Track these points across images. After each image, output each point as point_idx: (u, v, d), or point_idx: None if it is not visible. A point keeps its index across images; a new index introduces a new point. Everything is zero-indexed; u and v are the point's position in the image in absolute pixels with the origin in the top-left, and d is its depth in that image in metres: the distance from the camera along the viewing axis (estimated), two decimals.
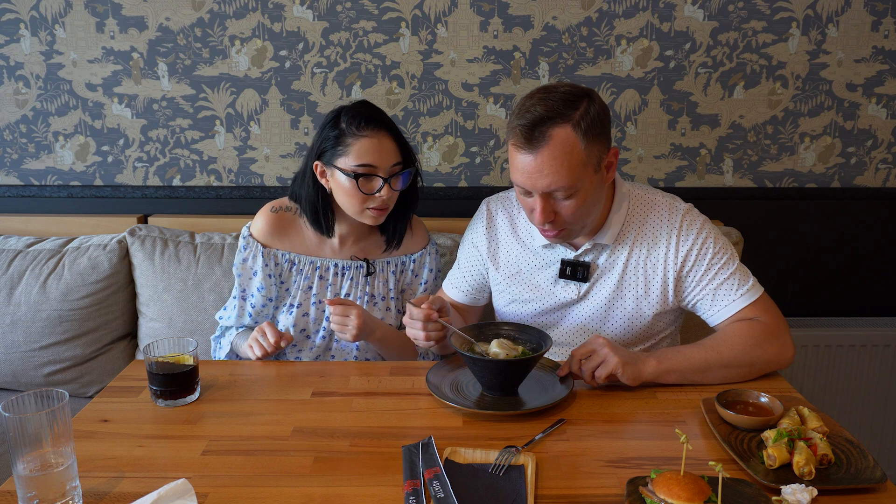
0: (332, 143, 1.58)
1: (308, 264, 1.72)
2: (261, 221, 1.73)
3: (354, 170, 1.56)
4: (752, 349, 1.41)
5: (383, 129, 1.58)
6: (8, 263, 2.12)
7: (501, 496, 1.05)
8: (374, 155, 1.56)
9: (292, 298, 1.72)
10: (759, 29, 2.24)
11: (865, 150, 2.35)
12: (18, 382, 2.14)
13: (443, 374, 1.43)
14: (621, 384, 1.40)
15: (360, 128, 1.56)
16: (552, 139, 1.35)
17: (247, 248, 1.73)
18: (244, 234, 1.74)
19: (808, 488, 1.03)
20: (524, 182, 1.40)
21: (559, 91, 1.39)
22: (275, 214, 1.73)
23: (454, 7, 2.22)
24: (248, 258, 1.72)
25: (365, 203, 1.58)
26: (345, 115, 1.59)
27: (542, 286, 1.60)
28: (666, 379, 1.40)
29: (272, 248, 1.72)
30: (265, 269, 1.71)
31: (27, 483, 1.02)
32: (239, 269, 1.73)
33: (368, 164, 1.56)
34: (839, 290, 2.45)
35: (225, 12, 2.23)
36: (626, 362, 1.36)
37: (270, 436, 1.24)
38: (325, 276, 1.73)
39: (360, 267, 1.73)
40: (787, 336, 1.46)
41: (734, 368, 1.41)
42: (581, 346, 1.41)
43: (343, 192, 1.59)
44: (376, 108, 1.62)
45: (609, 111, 1.45)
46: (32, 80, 2.30)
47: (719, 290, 1.49)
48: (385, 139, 1.58)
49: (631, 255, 1.54)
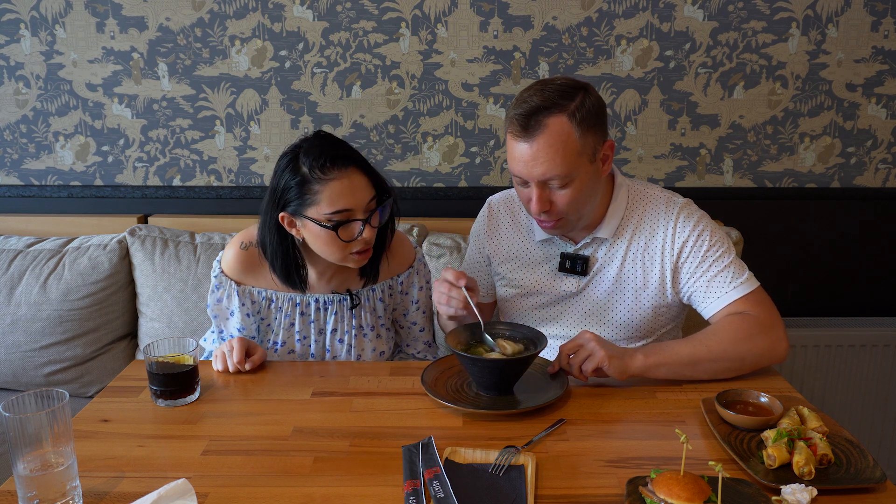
0: (296, 193, 1.41)
1: (287, 301, 1.59)
2: (231, 258, 1.58)
3: (330, 218, 1.40)
4: (742, 343, 1.41)
5: (351, 166, 1.41)
6: (8, 263, 2.13)
7: (501, 496, 1.05)
8: (348, 197, 1.40)
9: (275, 335, 1.61)
10: (758, 29, 2.25)
11: (865, 150, 2.35)
12: (18, 382, 2.14)
13: (438, 374, 1.43)
14: (612, 380, 1.40)
15: (325, 170, 1.39)
16: (547, 128, 1.38)
17: (220, 286, 1.59)
18: (215, 272, 1.60)
19: (807, 488, 1.03)
20: (520, 171, 1.42)
21: (556, 83, 1.42)
22: (245, 252, 1.57)
23: (454, 7, 2.22)
24: (223, 298, 1.59)
25: (346, 250, 1.44)
26: (304, 156, 1.41)
27: (543, 280, 1.61)
28: (654, 374, 1.40)
29: (247, 286, 1.58)
30: (242, 308, 1.58)
31: (27, 483, 1.02)
32: (213, 309, 1.61)
33: (344, 208, 1.40)
34: (839, 290, 2.45)
35: (225, 12, 2.23)
36: (612, 356, 1.37)
37: (270, 436, 1.24)
38: (306, 312, 1.60)
39: (344, 300, 1.60)
40: (780, 330, 1.45)
41: (723, 362, 1.41)
42: (569, 341, 1.42)
43: (320, 241, 1.45)
44: (337, 140, 1.47)
45: (605, 105, 1.46)
46: (33, 80, 2.30)
47: (713, 282, 1.49)
48: (355, 176, 1.42)
49: (629, 247, 1.55)
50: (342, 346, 1.63)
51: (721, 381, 1.40)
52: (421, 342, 1.76)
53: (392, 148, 2.34)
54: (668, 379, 1.41)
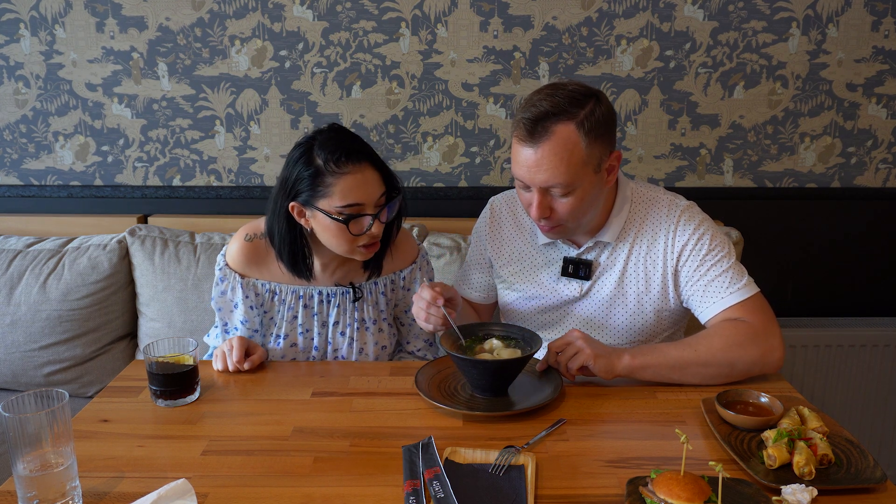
0: (308, 184, 1.44)
1: (290, 293, 1.61)
2: (235, 250, 1.60)
3: (341, 212, 1.43)
4: (732, 349, 1.38)
5: (365, 161, 1.44)
6: (8, 263, 2.12)
7: (501, 496, 1.05)
8: (360, 192, 1.43)
9: (278, 328, 1.62)
10: (759, 29, 2.24)
11: (865, 150, 2.35)
12: (18, 382, 2.14)
13: (432, 375, 1.43)
14: (612, 380, 1.40)
15: (339, 164, 1.41)
16: (554, 135, 1.36)
17: (224, 279, 1.60)
18: (220, 265, 1.61)
19: (808, 488, 1.03)
20: (523, 175, 1.41)
21: (567, 89, 1.40)
22: (249, 244, 1.59)
23: (454, 7, 2.22)
24: (227, 290, 1.60)
25: (354, 242, 1.47)
26: (319, 149, 1.43)
27: (545, 283, 1.60)
28: (641, 375, 1.39)
29: (251, 278, 1.60)
30: (246, 300, 1.59)
31: (27, 483, 1.02)
32: (217, 302, 1.62)
33: (355, 203, 1.43)
34: (839, 290, 2.45)
35: (225, 12, 2.23)
36: (598, 355, 1.36)
37: (270, 436, 1.24)
38: (309, 305, 1.62)
39: (347, 293, 1.62)
40: (775, 339, 1.42)
41: (712, 368, 1.39)
42: (557, 339, 1.41)
43: (329, 233, 1.47)
44: (352, 134, 1.49)
45: (615, 114, 1.45)
46: (32, 80, 2.30)
47: (710, 286, 1.48)
48: (368, 171, 1.45)
49: (632, 252, 1.54)
50: (344, 339, 1.64)
51: (711, 386, 1.38)
52: (421, 340, 1.76)
53: (392, 148, 2.34)
54: (655, 381, 1.41)
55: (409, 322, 1.73)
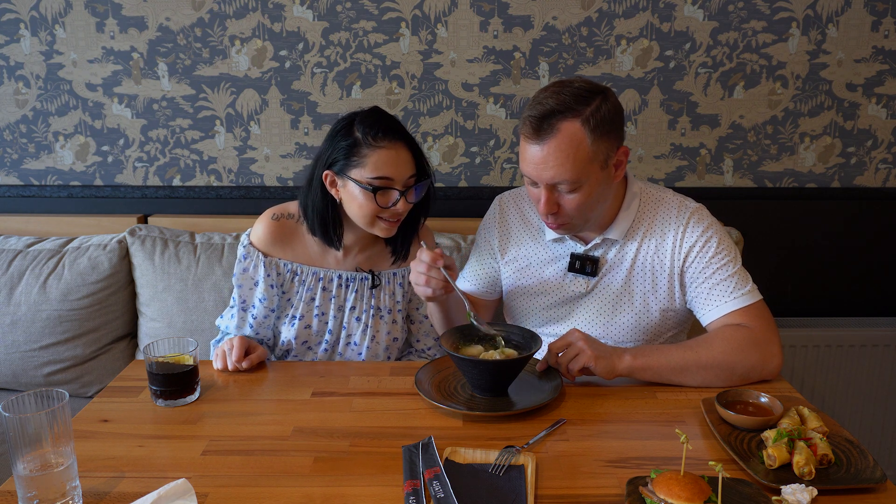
0: (344, 153, 1.52)
1: (311, 275, 1.65)
2: (261, 229, 1.65)
3: (371, 182, 1.50)
4: (733, 353, 1.40)
5: (400, 140, 1.52)
6: (8, 263, 2.13)
7: (501, 496, 1.05)
8: (391, 167, 1.50)
9: (294, 310, 1.66)
10: (759, 29, 2.24)
11: (865, 150, 2.35)
12: (18, 382, 2.14)
13: (432, 375, 1.43)
14: (612, 381, 1.40)
15: (376, 138, 1.50)
16: (560, 132, 1.37)
17: (247, 257, 1.65)
18: (244, 243, 1.66)
19: (808, 488, 1.03)
20: (530, 172, 1.43)
21: (573, 86, 1.41)
22: (276, 222, 1.65)
23: (454, 7, 2.22)
24: (249, 268, 1.65)
25: (378, 214, 1.53)
26: (360, 123, 1.52)
27: (552, 280, 1.60)
28: (641, 375, 1.40)
29: (273, 258, 1.65)
30: (267, 279, 1.64)
31: (27, 483, 1.02)
32: (239, 279, 1.66)
33: (385, 176, 1.50)
34: (839, 290, 2.45)
35: (225, 12, 2.23)
36: (599, 356, 1.37)
37: (270, 436, 1.24)
38: (328, 288, 1.66)
39: (366, 279, 1.67)
40: (775, 347, 1.43)
41: (712, 371, 1.40)
42: (558, 339, 1.42)
43: (356, 203, 1.53)
44: (391, 116, 1.56)
45: (622, 110, 1.46)
46: (32, 80, 2.30)
47: (714, 290, 1.49)
48: (402, 150, 1.52)
49: (639, 250, 1.55)
50: (358, 325, 1.67)
51: (709, 389, 1.39)
52: (431, 338, 1.78)
53: None
54: (655, 382, 1.41)
55: (419, 319, 1.75)
